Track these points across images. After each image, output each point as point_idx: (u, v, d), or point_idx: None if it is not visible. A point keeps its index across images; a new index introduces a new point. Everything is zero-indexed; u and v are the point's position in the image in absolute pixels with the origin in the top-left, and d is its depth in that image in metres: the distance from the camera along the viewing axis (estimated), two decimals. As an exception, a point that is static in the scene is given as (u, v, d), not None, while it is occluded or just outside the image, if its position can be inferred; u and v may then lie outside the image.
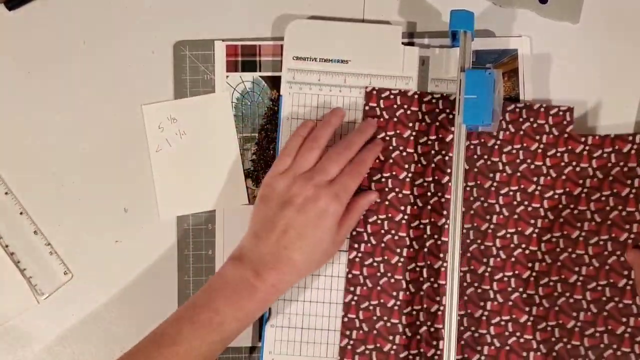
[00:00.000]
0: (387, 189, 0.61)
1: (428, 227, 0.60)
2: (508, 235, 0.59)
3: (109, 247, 0.63)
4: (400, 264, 0.60)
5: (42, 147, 0.63)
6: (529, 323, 0.58)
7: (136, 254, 0.63)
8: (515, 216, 0.59)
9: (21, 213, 0.62)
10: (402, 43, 0.62)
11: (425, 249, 0.60)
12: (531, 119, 0.60)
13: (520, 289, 0.59)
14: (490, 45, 0.62)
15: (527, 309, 0.58)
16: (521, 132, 0.60)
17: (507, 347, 0.58)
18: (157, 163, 0.63)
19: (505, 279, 0.59)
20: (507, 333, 0.58)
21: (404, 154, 0.61)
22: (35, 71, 0.64)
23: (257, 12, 0.64)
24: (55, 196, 0.63)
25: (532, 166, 0.60)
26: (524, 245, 0.59)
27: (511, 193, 0.60)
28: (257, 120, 0.63)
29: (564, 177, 0.60)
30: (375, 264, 0.60)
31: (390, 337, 0.59)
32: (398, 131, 0.61)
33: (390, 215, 0.60)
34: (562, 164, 0.60)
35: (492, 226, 0.60)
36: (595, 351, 0.57)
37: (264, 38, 0.64)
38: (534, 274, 0.59)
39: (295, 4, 0.64)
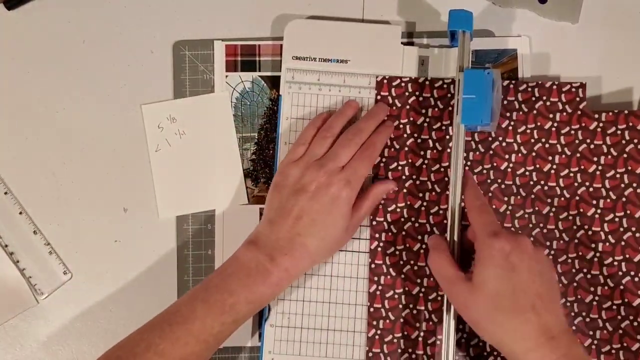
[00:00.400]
0: (404, 177, 0.61)
1: (448, 212, 0.60)
2: (526, 216, 0.60)
3: (109, 246, 0.63)
4: (422, 251, 0.60)
5: (41, 146, 0.63)
6: None
7: (136, 253, 0.63)
8: (532, 196, 0.60)
9: (20, 213, 0.62)
10: (402, 43, 0.62)
11: (446, 234, 0.60)
12: (544, 98, 0.61)
13: None
14: (490, 45, 0.62)
15: None
16: (534, 112, 0.60)
17: None
18: (157, 163, 0.63)
19: None
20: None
21: (419, 140, 0.61)
22: (35, 71, 0.64)
23: (257, 12, 0.64)
24: (54, 196, 0.63)
25: (547, 145, 0.60)
26: (541, 225, 0.60)
27: (527, 173, 0.60)
28: (256, 120, 0.63)
29: (578, 154, 0.60)
30: (397, 252, 0.60)
31: (417, 324, 0.59)
32: (411, 118, 0.61)
33: (409, 202, 0.61)
34: (577, 141, 0.60)
35: (510, 207, 0.60)
36: (613, 322, 0.58)
37: (263, 38, 0.64)
38: (552, 252, 0.59)
39: (294, 4, 0.64)
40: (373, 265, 0.60)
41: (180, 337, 0.51)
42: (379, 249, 0.60)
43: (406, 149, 0.61)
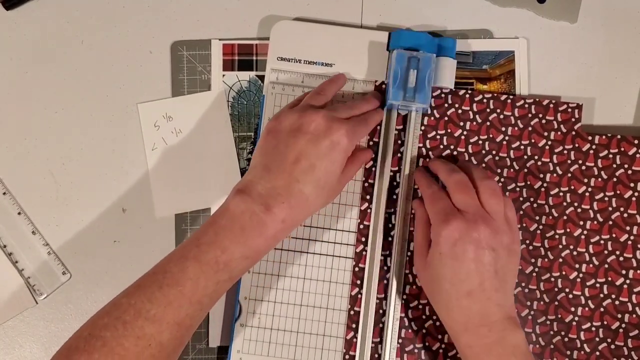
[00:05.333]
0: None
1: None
2: None
3: (108, 247, 0.63)
4: (407, 258, 0.60)
5: (39, 146, 0.63)
6: (530, 317, 0.59)
7: (135, 254, 0.63)
8: (521, 212, 0.60)
9: (19, 213, 0.63)
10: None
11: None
12: (540, 115, 0.61)
13: (523, 284, 0.59)
14: (487, 47, 0.62)
15: (527, 303, 0.59)
16: (529, 128, 0.61)
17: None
18: (153, 161, 0.63)
19: None
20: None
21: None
22: (33, 71, 0.64)
23: (255, 12, 0.64)
24: (53, 196, 0.63)
25: (539, 162, 0.60)
26: (527, 242, 0.60)
27: (517, 189, 0.60)
28: (253, 120, 0.63)
29: (569, 174, 0.60)
30: (382, 257, 0.60)
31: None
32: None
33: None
34: (569, 161, 0.60)
35: None
36: (591, 344, 0.58)
37: (262, 38, 0.64)
38: (536, 269, 0.59)
39: (294, 4, 0.64)
40: (357, 269, 0.60)
41: (173, 300, 0.48)
42: (364, 252, 0.60)
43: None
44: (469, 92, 0.61)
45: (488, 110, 0.61)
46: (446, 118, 0.61)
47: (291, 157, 0.52)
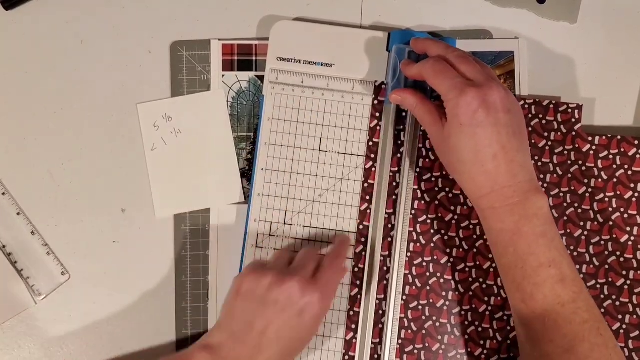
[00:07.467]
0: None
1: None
2: None
3: (107, 247, 0.63)
4: (406, 259, 0.60)
5: (38, 146, 0.63)
6: None
7: (134, 254, 0.63)
8: None
9: (18, 213, 0.63)
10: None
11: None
12: (540, 116, 0.61)
13: None
14: (487, 47, 0.62)
15: None
16: (530, 129, 0.60)
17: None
18: (153, 162, 0.63)
19: None
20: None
21: (539, 164, 0.61)
22: (33, 71, 0.64)
23: (255, 12, 0.64)
24: (52, 196, 0.63)
25: (540, 163, 0.60)
26: None
27: None
28: (252, 120, 0.63)
29: (569, 175, 0.60)
30: (381, 258, 0.60)
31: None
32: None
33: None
34: (569, 162, 0.60)
35: None
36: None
37: (261, 38, 0.64)
38: None
39: (293, 5, 0.64)
40: (356, 269, 0.60)
41: None
42: (364, 253, 0.60)
43: None
44: None
45: None
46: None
47: (259, 327, 0.51)
